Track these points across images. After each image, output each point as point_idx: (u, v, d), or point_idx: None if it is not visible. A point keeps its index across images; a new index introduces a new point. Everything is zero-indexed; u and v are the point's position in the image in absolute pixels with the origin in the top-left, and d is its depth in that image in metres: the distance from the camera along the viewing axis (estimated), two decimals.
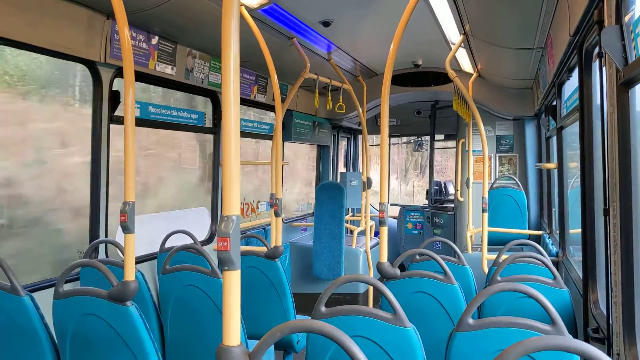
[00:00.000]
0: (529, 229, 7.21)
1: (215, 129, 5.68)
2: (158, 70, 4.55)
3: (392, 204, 11.14)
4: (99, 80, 4.09)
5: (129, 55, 2.93)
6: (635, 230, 2.28)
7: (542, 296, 2.31)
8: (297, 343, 4.40)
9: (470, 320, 2.37)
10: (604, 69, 2.50)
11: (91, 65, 4.03)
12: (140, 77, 4.44)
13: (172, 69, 4.72)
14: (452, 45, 5.55)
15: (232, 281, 1.69)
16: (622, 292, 2.29)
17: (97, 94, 4.11)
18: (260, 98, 6.35)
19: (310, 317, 2.53)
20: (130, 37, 2.99)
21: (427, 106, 9.58)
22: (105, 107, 4.13)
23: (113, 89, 4.20)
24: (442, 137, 10.54)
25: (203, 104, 5.76)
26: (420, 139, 11.49)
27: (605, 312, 2.64)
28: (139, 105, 4.56)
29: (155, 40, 4.46)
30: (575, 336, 3.32)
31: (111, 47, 4.00)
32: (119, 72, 4.19)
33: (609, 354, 2.39)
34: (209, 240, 5.68)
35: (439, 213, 9.06)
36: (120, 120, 4.20)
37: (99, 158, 4.13)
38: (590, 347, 1.30)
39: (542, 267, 3.62)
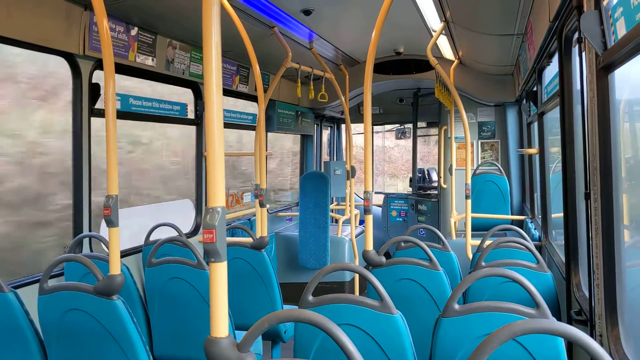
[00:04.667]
0: (511, 214, 7.28)
1: (198, 120, 5.64)
2: (138, 61, 4.50)
3: (376, 192, 11.17)
4: (78, 72, 4.03)
5: (109, 47, 2.89)
6: (615, 213, 2.31)
7: (526, 280, 2.34)
8: (285, 333, 4.41)
9: (456, 306, 2.40)
10: (583, 54, 2.52)
11: (69, 57, 3.97)
12: (120, 68, 4.39)
13: (153, 60, 4.67)
14: (433, 33, 5.56)
15: (219, 273, 1.69)
16: (604, 275, 2.33)
17: (76, 86, 4.05)
18: (242, 88, 6.31)
19: (297, 307, 2.54)
20: (109, 29, 2.95)
21: (409, 94, 9.60)
22: (86, 100, 4.08)
23: (93, 81, 4.15)
24: (424, 124, 10.58)
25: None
26: (403, 126, 11.52)
27: (587, 294, 2.69)
28: (119, 98, 4.51)
29: (134, 31, 4.40)
30: (559, 319, 3.37)
31: (90, 38, 3.94)
32: (98, 64, 4.14)
33: (591, 336, 2.44)
34: (194, 232, 5.65)
35: (423, 200, 9.11)
36: (101, 113, 4.15)
37: (80, 152, 4.08)
38: (573, 330, 1.32)
39: (526, 252, 3.66)
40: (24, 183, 5.55)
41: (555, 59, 3.74)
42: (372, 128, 11.21)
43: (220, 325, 1.66)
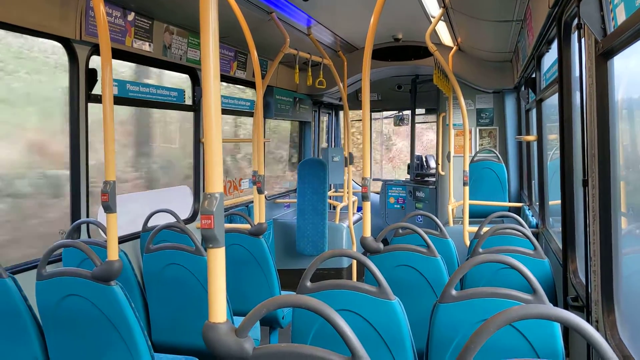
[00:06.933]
0: (509, 202, 7.29)
1: (195, 106, 5.62)
2: (135, 47, 4.47)
3: (374, 179, 11.17)
4: (75, 58, 4.00)
5: (105, 32, 2.87)
6: (613, 200, 2.32)
7: (523, 267, 2.35)
8: (283, 318, 4.43)
9: (453, 292, 2.41)
10: (582, 40, 2.51)
11: (66, 42, 3.94)
12: (117, 54, 4.36)
13: (150, 45, 4.64)
14: (432, 19, 5.53)
15: (217, 259, 1.69)
16: (601, 261, 2.34)
17: (73, 72, 4.03)
18: (240, 74, 6.29)
19: (295, 293, 2.55)
20: (105, 14, 2.93)
21: (407, 80, 9.56)
22: (83, 86, 4.06)
23: (90, 67, 4.12)
24: (422, 111, 10.55)
25: None
26: (401, 113, 11.48)
27: (584, 280, 2.70)
28: (116, 83, 4.48)
29: (131, 16, 4.37)
30: (556, 305, 3.39)
31: (86, 23, 3.91)
32: (95, 50, 4.11)
33: (587, 321, 2.45)
34: (191, 218, 5.66)
35: (421, 187, 9.11)
36: (98, 99, 4.13)
37: (77, 138, 4.06)
38: (570, 315, 1.33)
39: (523, 239, 3.67)
40: None
41: (555, 46, 3.73)
42: (371, 115, 11.17)
43: (219, 310, 1.67)
